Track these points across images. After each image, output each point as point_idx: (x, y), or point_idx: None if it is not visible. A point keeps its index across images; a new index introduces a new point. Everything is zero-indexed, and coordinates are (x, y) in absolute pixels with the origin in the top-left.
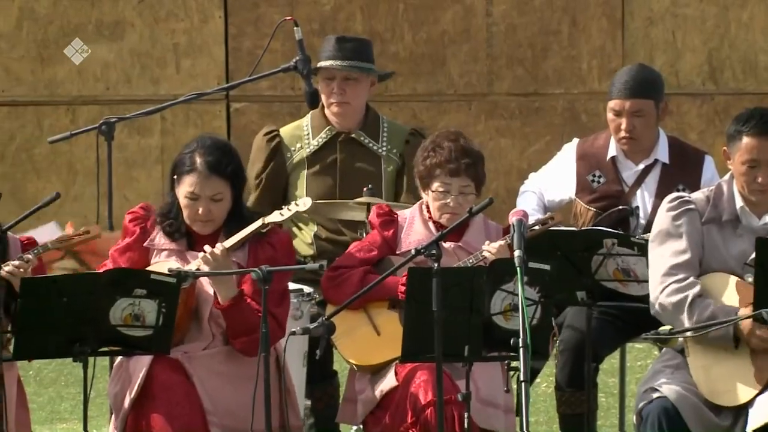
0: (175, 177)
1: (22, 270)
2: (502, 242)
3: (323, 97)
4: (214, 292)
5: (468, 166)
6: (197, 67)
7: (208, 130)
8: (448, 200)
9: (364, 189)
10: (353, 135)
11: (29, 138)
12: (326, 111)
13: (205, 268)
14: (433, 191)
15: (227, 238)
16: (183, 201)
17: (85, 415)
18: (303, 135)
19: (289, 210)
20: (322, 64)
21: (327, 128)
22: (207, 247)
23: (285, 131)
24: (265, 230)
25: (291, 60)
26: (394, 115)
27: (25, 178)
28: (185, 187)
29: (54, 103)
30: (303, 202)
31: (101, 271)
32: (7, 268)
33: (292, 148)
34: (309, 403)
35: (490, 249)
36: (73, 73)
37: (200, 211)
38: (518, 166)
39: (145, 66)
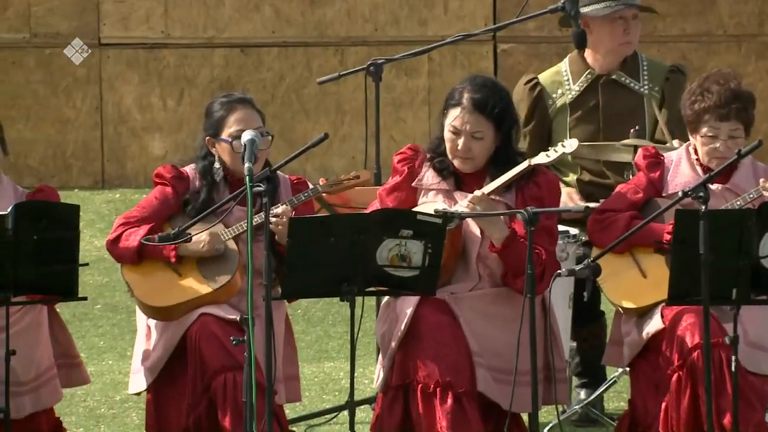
0: (445, 109)
1: (284, 220)
2: None
3: (606, 39)
4: (482, 234)
5: (738, 111)
6: (465, 7)
7: (475, 71)
8: (717, 144)
9: (631, 130)
10: (614, 76)
11: (299, 79)
12: (590, 54)
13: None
14: (701, 136)
15: (492, 180)
16: (446, 134)
17: (352, 354)
18: (563, 81)
19: (556, 151)
20: (611, 4)
21: (587, 72)
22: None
23: (544, 78)
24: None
25: (559, 1)
26: (663, 56)
27: (295, 119)
28: (449, 120)
29: (323, 44)
30: (569, 144)
31: (368, 211)
32: (277, 210)
33: (554, 95)
34: (574, 344)
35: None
36: (342, 14)
37: (460, 146)
38: None
39: (413, 7)
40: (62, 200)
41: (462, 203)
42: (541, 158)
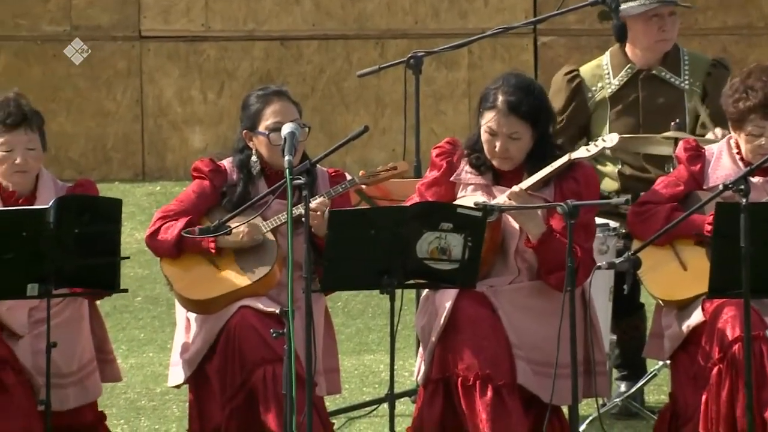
0: (480, 110)
1: (319, 213)
2: None
3: (641, 36)
4: (520, 228)
5: None
6: (505, 0)
7: (515, 64)
8: (763, 142)
9: (672, 123)
10: (654, 71)
11: (339, 71)
12: (630, 49)
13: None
14: (746, 134)
15: (530, 175)
16: (483, 135)
17: (392, 347)
18: (603, 74)
19: (596, 146)
20: (646, 2)
21: (627, 66)
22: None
23: (585, 70)
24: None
25: None
26: (704, 49)
27: (335, 111)
28: (485, 122)
29: (363, 36)
30: (610, 138)
31: (408, 204)
32: (314, 203)
33: (593, 88)
34: (614, 337)
35: None
36: (382, 7)
37: (497, 147)
38: None
39: (453, 0)
40: (102, 193)
41: (500, 198)
42: (582, 153)
